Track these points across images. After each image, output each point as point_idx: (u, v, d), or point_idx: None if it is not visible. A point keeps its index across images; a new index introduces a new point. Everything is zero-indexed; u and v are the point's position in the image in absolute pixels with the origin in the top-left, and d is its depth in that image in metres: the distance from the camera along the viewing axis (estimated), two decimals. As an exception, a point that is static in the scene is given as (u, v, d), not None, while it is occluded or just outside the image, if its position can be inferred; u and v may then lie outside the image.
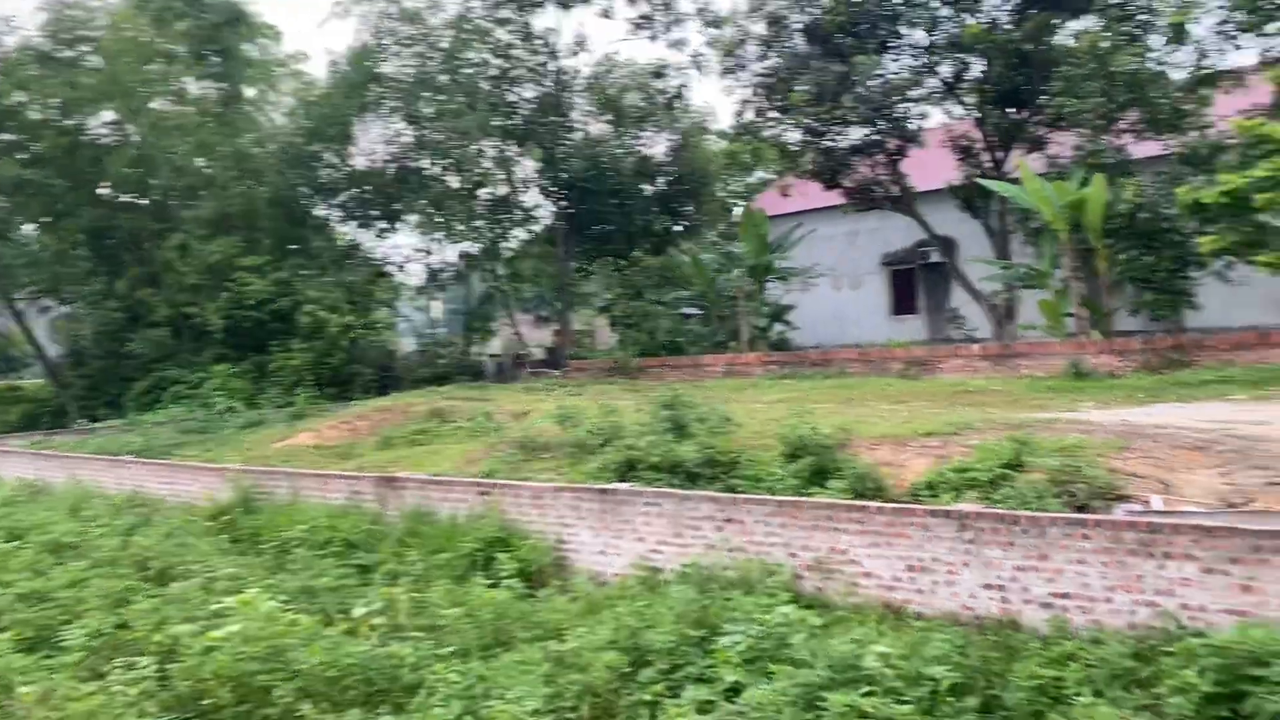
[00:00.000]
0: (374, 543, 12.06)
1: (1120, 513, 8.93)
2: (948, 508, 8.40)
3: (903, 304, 31.29)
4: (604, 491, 10.64)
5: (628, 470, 12.54)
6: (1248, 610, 6.41)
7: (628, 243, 33.20)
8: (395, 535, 12.08)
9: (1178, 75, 21.28)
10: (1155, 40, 21.41)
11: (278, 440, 21.05)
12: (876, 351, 24.64)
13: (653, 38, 30.03)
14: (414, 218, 33.02)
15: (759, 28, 25.60)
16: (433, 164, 31.59)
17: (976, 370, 21.98)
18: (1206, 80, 20.48)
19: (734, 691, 6.95)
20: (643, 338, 29.05)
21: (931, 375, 22.52)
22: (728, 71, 26.40)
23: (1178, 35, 20.33)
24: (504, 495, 11.57)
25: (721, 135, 34.35)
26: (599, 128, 33.40)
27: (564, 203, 32.76)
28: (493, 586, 9.76)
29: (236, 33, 32.40)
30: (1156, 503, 9.00)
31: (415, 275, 36.03)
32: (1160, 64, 21.38)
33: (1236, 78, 20.41)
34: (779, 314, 28.30)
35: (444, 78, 30.31)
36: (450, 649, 8.32)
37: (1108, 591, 7.03)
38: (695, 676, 7.33)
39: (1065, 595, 7.25)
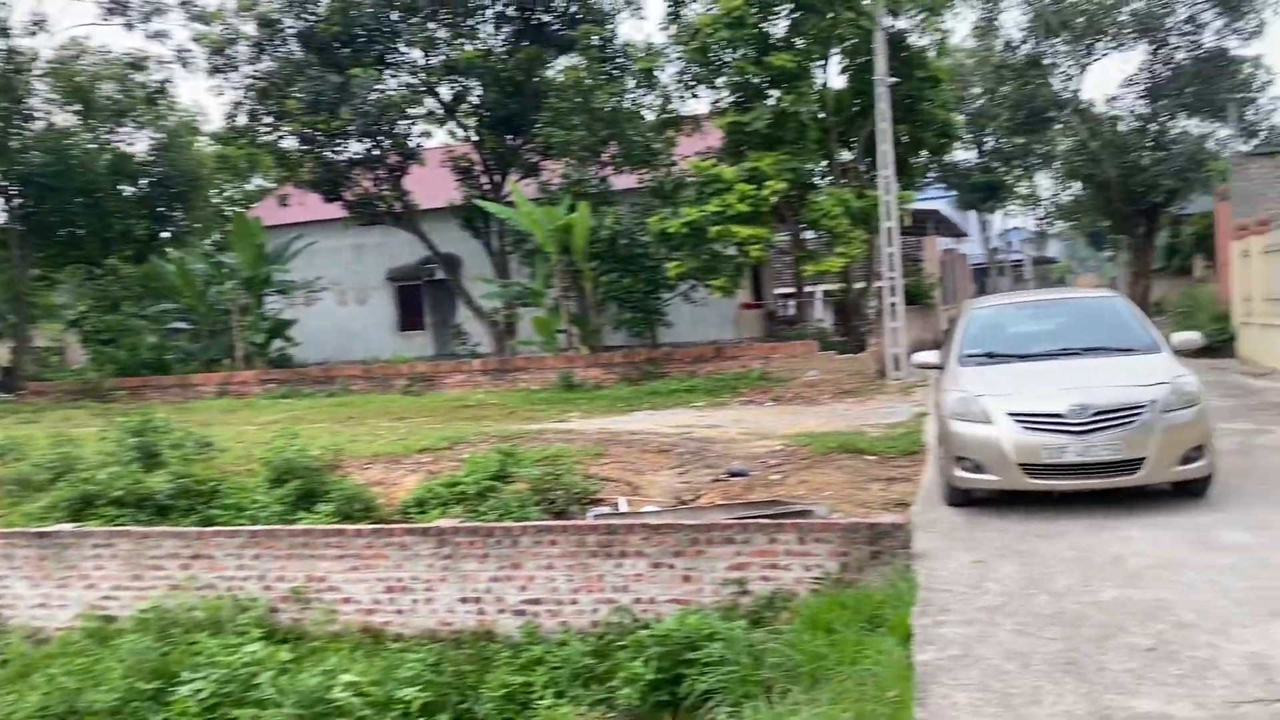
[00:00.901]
0: None
1: (591, 516, 9.53)
2: (425, 525, 8.38)
3: (410, 319, 31.28)
4: (43, 535, 9.21)
5: (84, 507, 11.00)
6: (689, 599, 7.09)
7: (103, 249, 29.60)
8: None
9: (649, 116, 23.55)
10: (631, 83, 23.55)
11: None
12: (381, 368, 24.40)
13: (129, 26, 27.14)
14: None
15: (251, 28, 24.23)
16: None
17: (478, 385, 22.60)
18: (671, 122, 22.88)
19: (190, 746, 6.29)
20: (121, 355, 26.03)
21: (436, 390, 22.76)
22: (217, 71, 24.65)
23: (648, 80, 22.50)
24: (-90, 548, 9.58)
25: (214, 137, 31.92)
26: (64, 119, 29.46)
27: (19, 200, 28.40)
28: (-113, 661, 8.02)
29: None
30: (623, 504, 9.72)
31: None
32: (635, 104, 23.54)
33: (695, 122, 23.05)
34: (279, 329, 26.88)
35: None
36: None
37: (574, 593, 7.42)
38: (146, 735, 6.54)
39: (536, 601, 7.54)
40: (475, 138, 26.14)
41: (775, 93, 20.54)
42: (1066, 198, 37.12)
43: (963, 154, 44.32)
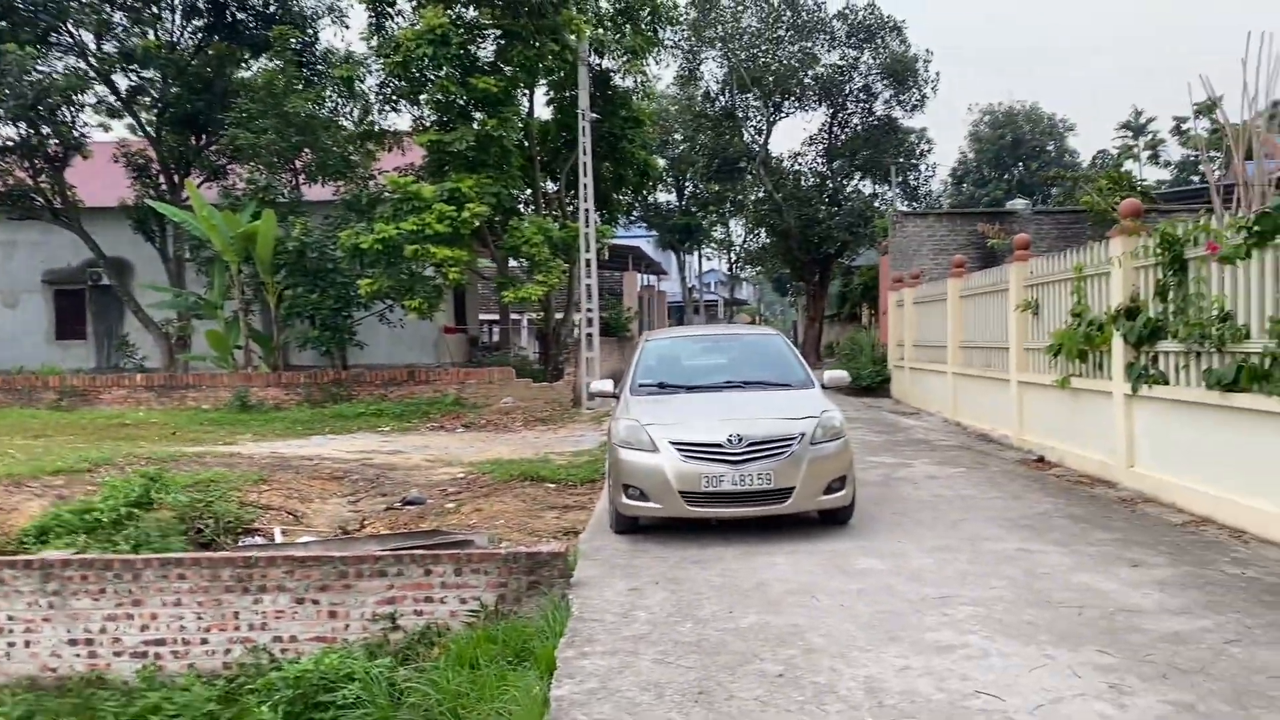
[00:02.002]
0: None
1: (244, 546, 8.74)
2: (27, 558, 7.30)
3: (69, 327, 28.07)
4: None
5: None
6: (334, 636, 6.58)
7: None
8: None
9: (349, 126, 22.63)
10: (331, 91, 22.51)
11: None
12: (25, 379, 21.69)
13: None
14: None
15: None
16: None
17: (141, 401, 20.61)
18: (371, 135, 22.08)
19: None
20: None
21: (90, 407, 20.55)
22: None
23: (347, 89, 21.61)
24: None
25: None
26: None
27: None
28: None
29: None
30: (278, 535, 9.00)
31: None
32: (334, 113, 22.54)
33: (396, 137, 22.37)
34: (-102, 333, 23.34)
35: None
36: None
37: (203, 632, 6.69)
38: None
39: (160, 641, 6.73)
40: (154, 134, 24.01)
41: (480, 115, 20.33)
42: (755, 244, 39.56)
43: (665, 196, 46.30)
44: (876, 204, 32.20)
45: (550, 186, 24.73)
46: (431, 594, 6.55)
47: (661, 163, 41.91)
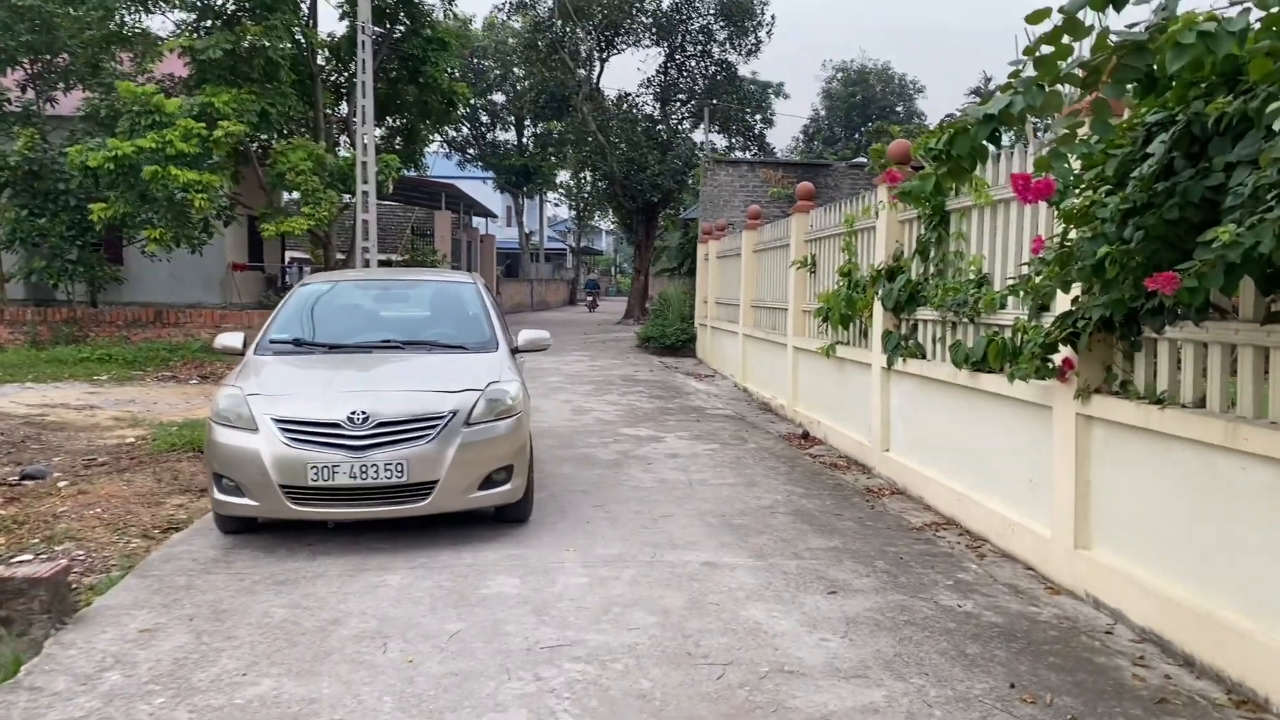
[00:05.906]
0: None
1: None
2: None
3: None
4: None
5: None
6: None
7: None
8: None
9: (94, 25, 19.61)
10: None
11: None
12: None
13: None
14: None
15: None
16: None
17: None
18: (120, 38, 19.18)
19: None
20: None
21: None
22: None
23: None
24: None
25: None
26: None
27: None
28: None
29: None
30: None
31: None
32: (81, 10, 19.48)
33: (148, 41, 19.51)
34: None
35: None
36: None
37: None
38: None
39: None
40: None
41: (251, 24, 17.78)
42: (589, 190, 37.59)
43: (505, 135, 43.82)
44: (708, 151, 30.62)
45: (344, 110, 22.32)
46: None
47: (500, 98, 39.57)
